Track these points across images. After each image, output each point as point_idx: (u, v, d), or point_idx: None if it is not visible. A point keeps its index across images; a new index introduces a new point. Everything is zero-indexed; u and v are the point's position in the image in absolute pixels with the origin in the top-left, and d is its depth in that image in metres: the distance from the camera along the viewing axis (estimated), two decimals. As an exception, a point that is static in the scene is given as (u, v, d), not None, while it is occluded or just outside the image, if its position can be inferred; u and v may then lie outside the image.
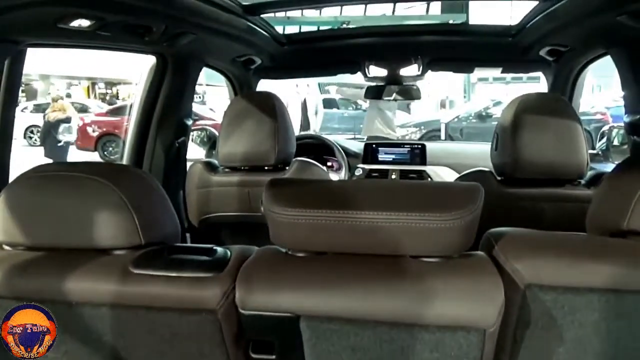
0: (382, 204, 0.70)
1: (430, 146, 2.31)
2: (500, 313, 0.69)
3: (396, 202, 0.71)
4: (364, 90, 2.18)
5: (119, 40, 1.25)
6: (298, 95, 4.61)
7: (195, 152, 1.94)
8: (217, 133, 1.72)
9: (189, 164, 1.62)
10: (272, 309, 0.73)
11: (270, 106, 1.39)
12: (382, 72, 1.96)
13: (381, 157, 2.29)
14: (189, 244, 0.88)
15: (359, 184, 0.93)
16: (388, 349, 0.72)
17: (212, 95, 11.97)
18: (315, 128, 4.67)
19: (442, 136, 7.45)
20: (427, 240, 0.70)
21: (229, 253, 0.80)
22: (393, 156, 2.29)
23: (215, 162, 1.52)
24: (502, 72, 1.96)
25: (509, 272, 0.72)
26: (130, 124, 1.61)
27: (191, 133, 1.81)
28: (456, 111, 9.16)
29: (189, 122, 1.68)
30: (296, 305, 0.72)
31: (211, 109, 9.54)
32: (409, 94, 2.03)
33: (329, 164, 2.33)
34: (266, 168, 1.46)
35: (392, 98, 2.03)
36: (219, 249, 0.81)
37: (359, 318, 0.71)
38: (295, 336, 0.73)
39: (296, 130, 2.13)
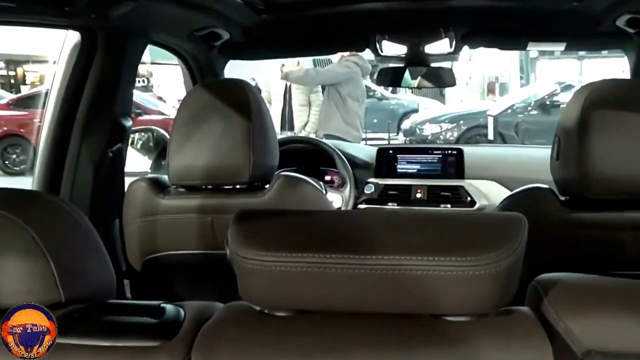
0: (392, 244, 0.72)
1: (470, 151, 2.33)
2: None
3: (411, 241, 0.73)
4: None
5: (28, 12, 1.27)
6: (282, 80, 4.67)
7: (136, 163, 1.96)
8: (167, 135, 1.75)
9: (127, 182, 1.65)
10: None
11: (243, 100, 1.42)
12: (400, 49, 1.99)
13: (401, 167, 2.33)
14: (127, 301, 0.90)
15: (362, 216, 0.95)
16: None
17: (162, 77, 12.03)
18: (307, 127, 4.69)
19: (490, 135, 7.50)
20: (452, 293, 0.72)
21: (182, 312, 0.82)
22: (418, 166, 2.33)
23: (166, 178, 1.54)
24: (567, 49, 1.98)
25: (561, 335, 0.74)
26: (44, 122, 1.62)
27: (131, 135, 1.82)
28: (510, 99, 9.22)
29: (128, 123, 1.71)
30: None
31: (160, 98, 9.57)
32: (438, 78, 2.07)
33: (327, 178, 2.36)
34: (238, 187, 1.49)
35: (415, 85, 2.08)
36: (169, 307, 0.83)
37: None
38: None
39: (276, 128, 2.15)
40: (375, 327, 0.74)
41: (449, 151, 2.30)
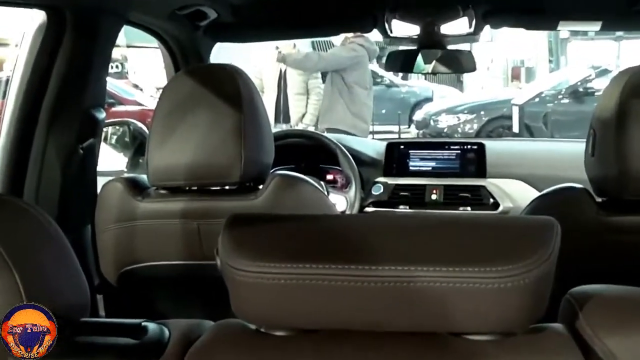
0: (405, 252, 0.72)
1: (493, 146, 2.34)
2: None
3: (426, 249, 0.73)
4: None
5: None
6: (277, 63, 4.66)
7: (110, 161, 1.96)
8: (146, 129, 1.75)
9: (101, 183, 1.65)
10: None
11: (233, 88, 1.43)
12: (412, 29, 2.00)
13: (414, 165, 2.36)
14: (102, 319, 0.89)
15: (370, 221, 0.95)
16: None
17: (138, 63, 12.04)
18: (305, 119, 4.69)
19: (515, 127, 7.51)
20: (474, 308, 0.72)
21: (166, 332, 0.83)
22: (433, 163, 2.35)
23: (145, 178, 1.55)
24: (602, 29, 1.98)
25: (599, 355, 0.74)
26: (4, 114, 1.62)
27: (104, 129, 1.84)
28: (537, 86, 9.22)
29: (101, 115, 1.71)
30: None
31: (136, 86, 9.58)
32: (456, 63, 2.07)
33: (329, 177, 2.39)
34: (227, 188, 1.50)
35: (429, 70, 2.07)
36: (152, 326, 0.84)
37: None
38: None
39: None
40: (387, 348, 0.74)
41: (469, 146, 2.32)
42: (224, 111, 1.40)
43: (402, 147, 2.37)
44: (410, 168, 2.34)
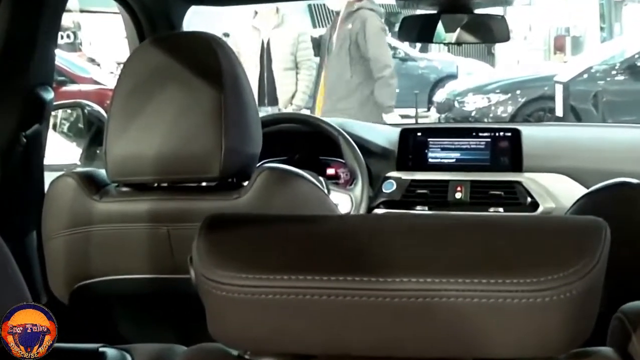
0: (421, 261, 0.73)
1: (531, 133, 2.35)
2: None
3: (447, 257, 0.74)
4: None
5: None
6: (257, 32, 4.66)
7: (60, 152, 1.95)
8: (105, 113, 1.77)
9: (49, 179, 1.65)
10: None
11: (212, 61, 1.44)
12: (431, -13, 2.02)
13: (434, 156, 2.37)
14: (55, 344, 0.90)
15: (378, 224, 0.95)
16: None
17: (94, 32, 12.05)
18: (296, 100, 4.70)
19: (558, 110, 7.51)
20: (506, 329, 0.72)
21: (129, 359, 0.85)
22: (458, 154, 2.36)
23: (103, 173, 1.56)
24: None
25: None
26: None
27: (53, 113, 1.84)
28: (586, 59, 9.22)
29: (49, 95, 1.72)
30: None
31: (92, 61, 9.57)
32: (485, 31, 2.08)
33: (330, 172, 2.40)
34: (204, 185, 1.52)
35: (452, 39, 2.09)
36: (112, 352, 0.87)
37: None
38: None
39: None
40: None
41: (502, 133, 2.33)
42: (200, 89, 1.42)
43: (419, 134, 2.39)
44: (430, 160, 2.36)
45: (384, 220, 1.12)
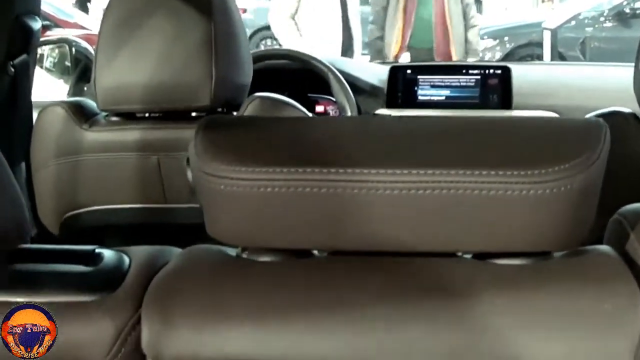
0: (418, 154, 0.73)
1: (520, 71, 2.36)
2: (638, 348, 0.73)
3: (448, 151, 0.73)
4: None
5: None
6: None
7: (47, 89, 1.95)
8: (91, 49, 1.76)
9: (37, 110, 1.67)
10: (215, 357, 0.76)
11: None
12: None
13: (424, 94, 2.35)
14: (46, 245, 0.96)
15: (378, 122, 0.98)
16: None
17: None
18: (279, 35, 4.38)
19: (546, 56, 7.54)
20: (505, 222, 0.72)
21: (126, 259, 0.86)
22: (447, 92, 2.34)
23: (92, 103, 1.57)
24: None
25: None
26: None
27: (40, 50, 1.85)
28: (574, 6, 9.15)
29: (36, 24, 1.68)
30: (261, 348, 0.75)
31: (82, 5, 9.59)
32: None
33: (319, 109, 2.40)
34: (194, 115, 1.52)
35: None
36: (108, 253, 0.86)
37: None
38: None
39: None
40: (396, 274, 0.76)
41: (492, 70, 2.31)
42: (191, 19, 1.43)
43: (408, 71, 2.37)
44: (419, 98, 2.34)
45: (381, 120, 1.14)
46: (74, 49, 2.05)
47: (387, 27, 4.29)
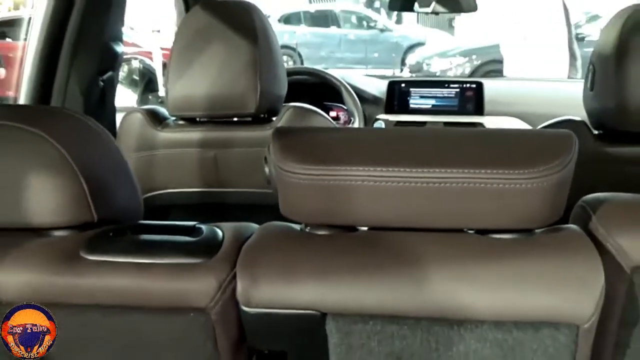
0: (439, 157, 0.82)
1: (490, 85, 2.48)
2: (598, 305, 0.81)
3: (459, 154, 0.83)
4: None
5: None
6: None
7: (120, 97, 2.04)
8: (153, 65, 1.85)
9: (119, 115, 1.77)
10: (288, 305, 0.85)
11: (248, 22, 1.53)
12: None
13: (415, 102, 2.50)
14: (160, 222, 1.05)
15: (406, 132, 1.08)
16: (447, 356, 0.85)
17: (130, 5, 11.59)
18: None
19: (506, 71, 7.48)
20: (499, 208, 0.82)
21: (219, 232, 0.94)
22: (433, 101, 2.49)
23: (163, 110, 1.68)
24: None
25: (610, 251, 0.85)
26: (27, 52, 1.74)
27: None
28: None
29: (120, 48, 1.87)
30: (321, 299, 0.85)
31: (131, 29, 9.45)
32: (457, 2, 2.21)
33: (333, 114, 2.52)
34: (242, 120, 1.61)
35: (429, 9, 2.22)
36: (206, 227, 0.95)
37: (406, 315, 0.85)
38: (318, 342, 0.87)
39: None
40: (420, 244, 0.86)
41: (468, 84, 2.47)
42: (240, 44, 1.50)
43: (403, 85, 2.50)
44: (411, 105, 2.47)
45: (408, 131, 1.23)
46: (141, 65, 2.12)
47: None
